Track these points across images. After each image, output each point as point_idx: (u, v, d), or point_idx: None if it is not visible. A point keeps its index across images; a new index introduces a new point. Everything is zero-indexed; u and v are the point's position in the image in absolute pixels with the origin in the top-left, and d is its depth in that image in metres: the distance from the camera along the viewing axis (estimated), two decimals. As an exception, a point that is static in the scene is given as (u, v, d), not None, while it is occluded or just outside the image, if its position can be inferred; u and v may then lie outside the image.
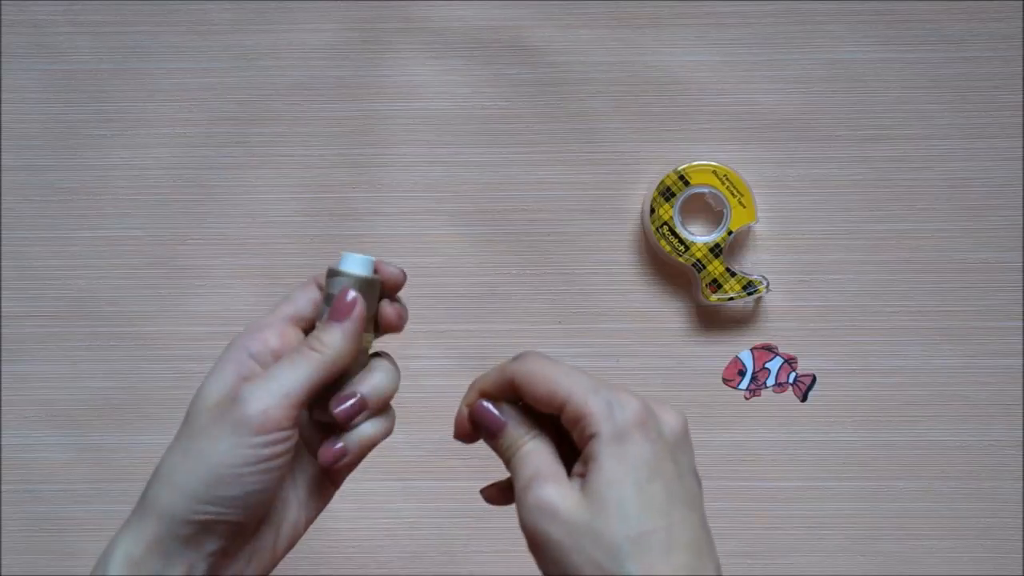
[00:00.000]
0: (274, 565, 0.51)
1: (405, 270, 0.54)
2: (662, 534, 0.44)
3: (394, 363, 0.54)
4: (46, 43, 0.77)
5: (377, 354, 0.54)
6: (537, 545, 0.45)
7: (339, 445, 0.51)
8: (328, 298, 0.51)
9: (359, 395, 0.51)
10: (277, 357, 0.50)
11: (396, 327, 0.54)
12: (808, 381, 0.76)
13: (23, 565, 0.76)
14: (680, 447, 0.47)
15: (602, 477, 0.44)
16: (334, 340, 0.50)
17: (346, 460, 0.51)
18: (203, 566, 0.48)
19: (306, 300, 0.52)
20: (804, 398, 0.76)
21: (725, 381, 0.76)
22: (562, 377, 0.47)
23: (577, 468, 0.47)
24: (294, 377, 0.48)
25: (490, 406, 0.49)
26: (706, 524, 0.47)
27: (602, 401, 0.46)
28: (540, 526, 0.45)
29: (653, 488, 0.45)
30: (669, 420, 0.47)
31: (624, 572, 0.43)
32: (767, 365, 0.76)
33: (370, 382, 0.52)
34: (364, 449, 0.52)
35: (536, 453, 0.48)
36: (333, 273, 0.52)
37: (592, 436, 0.45)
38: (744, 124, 0.76)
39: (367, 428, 0.52)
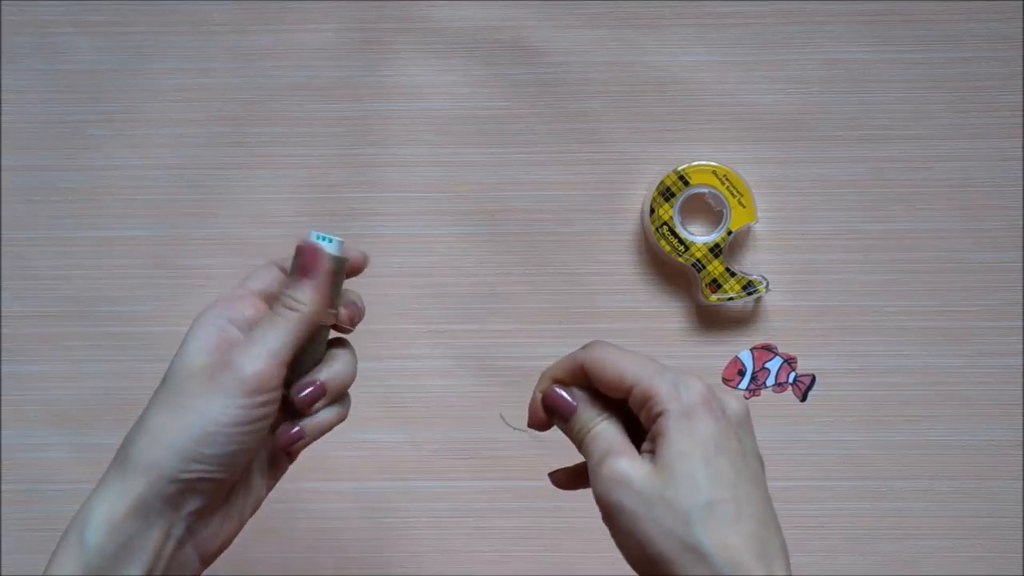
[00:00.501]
0: (240, 529, 0.54)
1: (368, 255, 0.56)
2: (730, 504, 0.46)
3: (353, 352, 0.56)
4: (46, 43, 0.78)
5: (338, 341, 0.56)
6: (611, 515, 0.48)
7: (296, 429, 0.53)
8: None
9: (319, 382, 0.53)
10: (252, 326, 0.52)
11: (350, 323, 0.56)
12: (808, 381, 0.76)
13: (23, 565, 0.76)
14: (743, 428, 0.50)
15: (672, 450, 0.47)
16: (306, 295, 0.51)
17: (301, 443, 0.54)
18: (181, 527, 0.50)
19: (271, 278, 0.54)
20: (804, 398, 0.76)
21: (725, 381, 0.76)
22: (629, 361, 0.50)
23: (646, 446, 0.49)
24: (278, 337, 0.50)
25: (562, 391, 0.52)
26: (770, 501, 0.48)
27: (668, 382, 0.48)
28: (614, 496, 0.47)
29: (720, 462, 0.47)
30: (732, 403, 0.50)
31: (694, 537, 0.45)
32: (767, 365, 0.76)
33: (330, 369, 0.54)
34: (319, 433, 0.54)
35: (607, 432, 0.50)
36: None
37: (660, 414, 0.48)
38: (744, 124, 0.76)
39: (324, 414, 0.54)
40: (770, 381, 0.76)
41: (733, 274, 0.74)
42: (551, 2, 0.77)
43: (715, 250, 0.74)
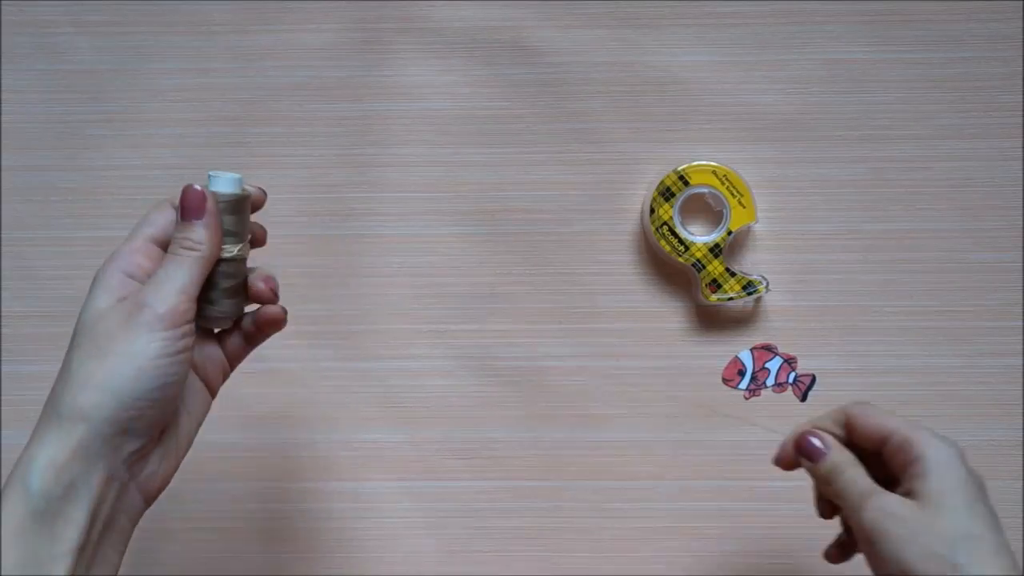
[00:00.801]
0: (177, 467, 0.56)
1: (265, 190, 0.61)
2: (990, 540, 0.53)
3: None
4: (47, 43, 0.78)
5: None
6: (878, 541, 0.53)
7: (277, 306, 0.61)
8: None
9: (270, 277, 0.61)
10: (149, 275, 0.55)
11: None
12: (808, 381, 0.76)
13: (23, 565, 0.76)
14: (984, 484, 0.56)
15: (936, 488, 0.53)
16: (200, 235, 0.55)
17: (279, 316, 0.60)
18: (123, 468, 0.53)
19: (165, 221, 0.56)
20: (804, 398, 0.76)
21: (725, 381, 0.76)
22: (889, 415, 0.57)
23: (901, 489, 0.55)
24: (184, 275, 0.54)
25: (814, 436, 0.59)
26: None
27: (925, 432, 0.55)
28: (883, 525, 0.53)
29: (978, 505, 0.54)
30: (970, 463, 0.56)
31: (957, 560, 0.51)
32: (767, 365, 0.76)
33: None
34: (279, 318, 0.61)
35: (863, 474, 0.57)
36: None
37: (918, 458, 0.54)
38: (744, 124, 0.76)
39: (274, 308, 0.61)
40: (770, 381, 0.76)
41: (733, 274, 0.74)
42: (551, 2, 0.77)
43: (715, 250, 0.74)
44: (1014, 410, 0.75)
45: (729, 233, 0.74)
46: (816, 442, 0.59)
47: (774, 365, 0.76)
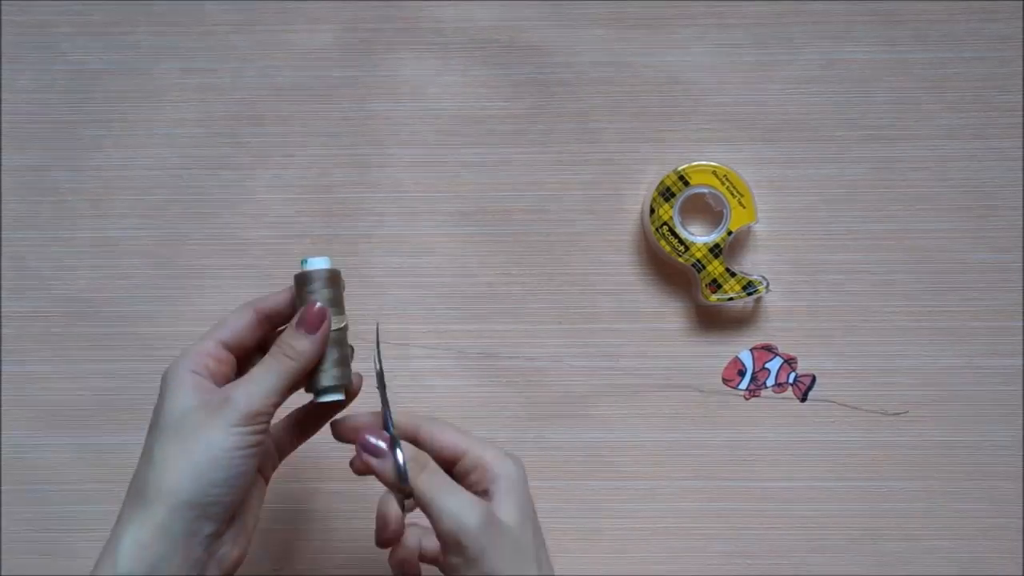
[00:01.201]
0: (247, 547, 0.60)
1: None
2: (544, 560, 0.60)
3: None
4: (46, 43, 0.77)
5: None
6: (458, 546, 0.56)
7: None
8: (302, 297, 0.61)
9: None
10: (216, 376, 0.59)
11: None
12: (808, 381, 0.76)
13: (23, 565, 0.76)
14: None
15: (503, 513, 0.58)
16: (305, 348, 0.59)
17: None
18: (199, 549, 0.56)
19: (241, 326, 0.61)
20: (804, 398, 0.76)
21: (725, 381, 0.76)
22: (459, 432, 0.61)
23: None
24: (276, 380, 0.58)
25: (374, 434, 0.60)
26: None
27: (497, 452, 0.60)
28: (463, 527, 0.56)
29: (533, 532, 0.59)
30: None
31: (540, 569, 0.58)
32: (767, 365, 0.76)
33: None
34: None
35: (442, 474, 0.59)
36: (302, 278, 0.61)
37: (494, 479, 0.59)
38: (744, 124, 0.76)
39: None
40: (770, 381, 0.76)
41: (733, 274, 0.74)
42: (551, 2, 0.77)
43: (715, 250, 0.74)
44: (1014, 410, 0.76)
45: (729, 233, 0.74)
46: (375, 441, 0.59)
47: (774, 365, 0.76)
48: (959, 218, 0.76)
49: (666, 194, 0.74)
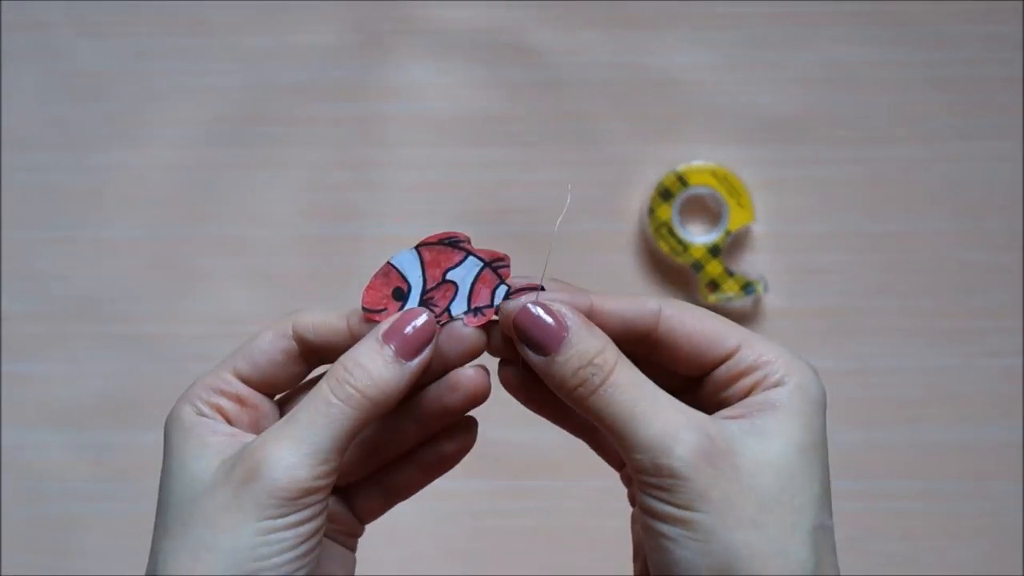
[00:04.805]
0: None
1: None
2: (824, 539, 0.39)
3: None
4: (47, 44, 0.77)
5: None
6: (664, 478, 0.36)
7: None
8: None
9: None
10: (239, 422, 0.40)
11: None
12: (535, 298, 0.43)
13: (23, 565, 0.76)
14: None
15: (771, 444, 0.36)
16: (384, 376, 0.38)
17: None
18: None
19: (267, 355, 0.41)
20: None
21: (366, 311, 0.42)
22: (722, 320, 0.40)
23: (729, 412, 0.38)
24: (327, 433, 0.37)
25: (546, 306, 0.39)
26: None
27: (786, 352, 0.39)
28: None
29: (814, 483, 0.37)
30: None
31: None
32: (450, 276, 0.43)
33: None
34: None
35: (642, 379, 0.37)
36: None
37: (776, 386, 0.38)
38: (742, 125, 0.76)
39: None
40: (459, 306, 0.43)
41: (732, 274, 0.74)
42: (551, 3, 0.77)
43: (714, 251, 0.74)
44: (1014, 410, 0.76)
45: (728, 233, 0.74)
46: (547, 316, 0.38)
47: (465, 275, 0.43)
48: (958, 218, 0.76)
49: (665, 194, 0.74)
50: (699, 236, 0.75)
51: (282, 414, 0.41)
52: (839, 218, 0.76)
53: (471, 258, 0.42)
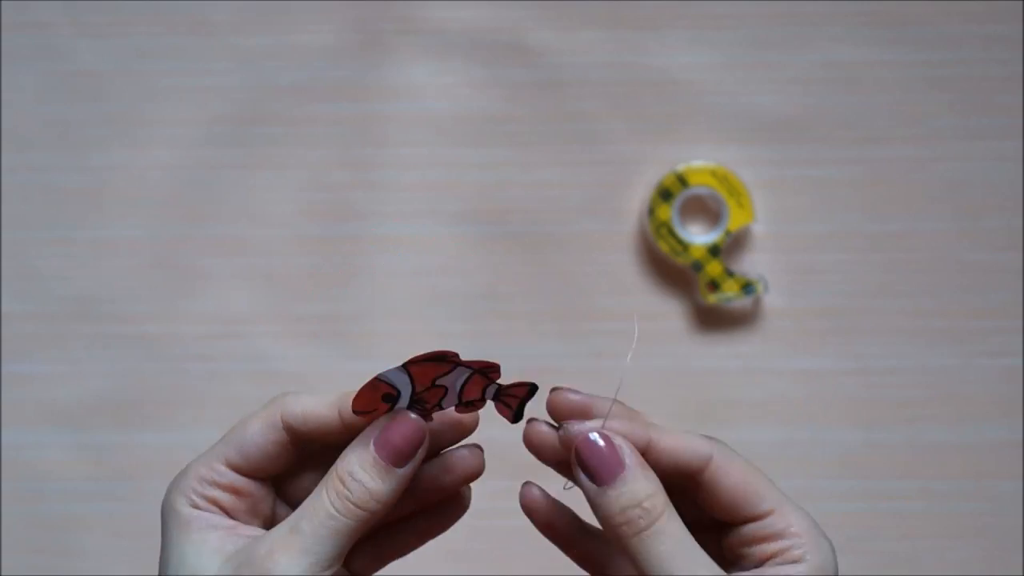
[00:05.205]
0: None
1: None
2: None
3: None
4: (46, 44, 0.77)
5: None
6: None
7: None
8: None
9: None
10: (236, 512, 0.41)
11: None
12: (522, 393, 0.48)
13: (23, 565, 0.76)
14: None
15: None
16: (379, 490, 0.39)
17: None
18: None
19: (259, 440, 0.41)
20: (517, 416, 0.48)
21: (359, 414, 0.42)
22: (765, 479, 0.41)
23: (746, 575, 0.40)
24: (332, 544, 0.39)
25: (606, 438, 0.40)
26: None
27: (810, 524, 0.41)
28: None
29: None
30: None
31: None
32: (439, 382, 0.44)
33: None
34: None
35: (685, 534, 0.39)
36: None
37: (795, 562, 0.40)
38: (742, 125, 0.77)
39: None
40: (450, 403, 0.46)
41: (732, 274, 0.74)
42: (550, 3, 0.77)
43: (714, 251, 0.74)
44: (1014, 410, 0.76)
45: (728, 233, 0.74)
46: (604, 446, 0.39)
47: (455, 380, 0.45)
48: (958, 218, 0.76)
49: (665, 194, 0.74)
50: (699, 236, 0.75)
51: (279, 492, 0.42)
52: (839, 218, 0.76)
53: (460, 368, 0.42)
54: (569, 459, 0.40)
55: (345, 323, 0.76)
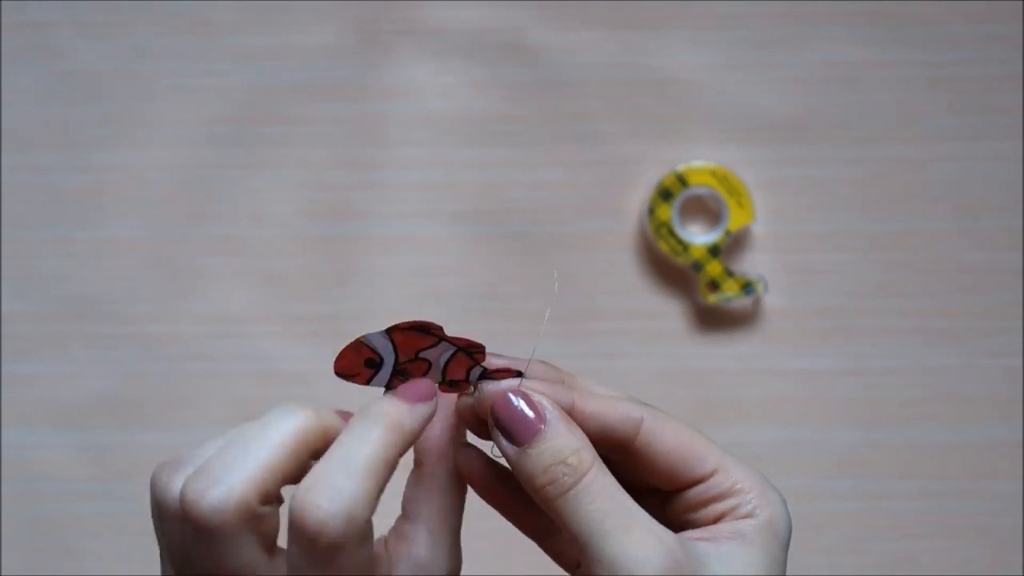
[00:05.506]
0: None
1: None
2: None
3: None
4: (46, 43, 0.78)
5: None
6: None
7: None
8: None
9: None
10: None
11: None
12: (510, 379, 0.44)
13: (23, 565, 0.76)
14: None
15: (755, 573, 0.38)
16: (406, 419, 0.39)
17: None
18: None
19: (289, 466, 0.38)
20: None
21: (344, 376, 0.43)
22: (703, 439, 0.39)
23: (695, 534, 0.39)
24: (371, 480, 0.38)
25: (527, 399, 0.38)
26: None
27: (758, 478, 0.40)
28: None
29: None
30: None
31: None
32: (423, 355, 0.44)
33: None
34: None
35: (617, 489, 0.37)
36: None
37: (746, 517, 0.39)
38: (742, 125, 0.77)
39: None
40: (435, 379, 0.45)
41: (732, 274, 0.74)
42: (550, 3, 0.77)
43: (714, 251, 0.74)
44: (1014, 410, 0.76)
45: (728, 233, 0.74)
46: (527, 408, 0.37)
47: (439, 355, 0.45)
48: (958, 218, 0.76)
49: (665, 194, 0.74)
50: (699, 236, 0.75)
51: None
52: (839, 218, 0.76)
53: (444, 343, 0.42)
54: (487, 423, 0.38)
55: (345, 323, 0.76)
